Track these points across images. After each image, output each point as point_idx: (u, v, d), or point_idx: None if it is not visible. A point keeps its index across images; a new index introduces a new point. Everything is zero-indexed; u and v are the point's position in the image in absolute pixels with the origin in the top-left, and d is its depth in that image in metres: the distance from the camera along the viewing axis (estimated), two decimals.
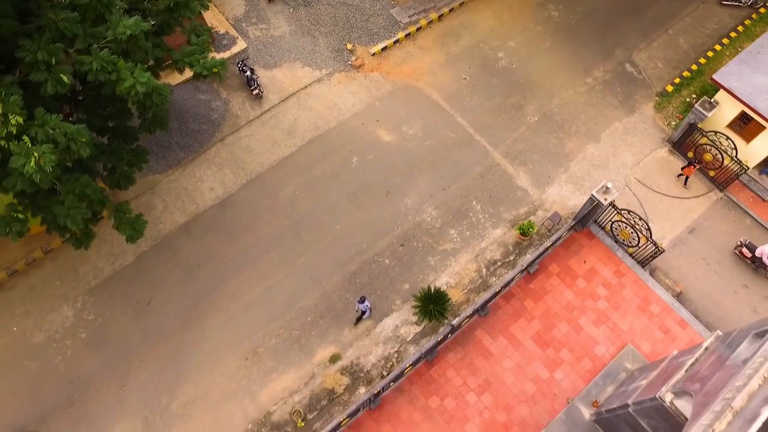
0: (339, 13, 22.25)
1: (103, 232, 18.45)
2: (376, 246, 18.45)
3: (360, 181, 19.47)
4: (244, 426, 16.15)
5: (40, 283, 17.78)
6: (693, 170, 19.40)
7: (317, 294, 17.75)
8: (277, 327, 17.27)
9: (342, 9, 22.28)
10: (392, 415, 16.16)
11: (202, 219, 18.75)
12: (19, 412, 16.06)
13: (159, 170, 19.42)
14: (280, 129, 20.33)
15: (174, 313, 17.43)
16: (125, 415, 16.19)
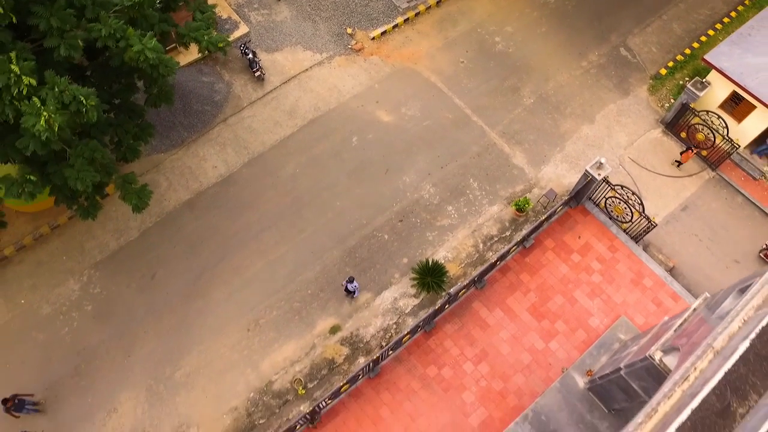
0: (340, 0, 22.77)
1: (109, 209, 18.92)
2: (376, 222, 18.87)
3: (360, 160, 19.91)
4: (246, 394, 16.54)
5: (47, 258, 18.21)
6: (691, 155, 19.79)
7: (318, 268, 18.16)
8: (278, 300, 17.68)
9: None
10: (391, 384, 16.55)
11: (205, 196, 19.18)
12: (28, 381, 16.46)
13: (163, 149, 19.86)
14: (281, 110, 20.77)
15: (178, 286, 17.85)
16: (130, 384, 16.59)
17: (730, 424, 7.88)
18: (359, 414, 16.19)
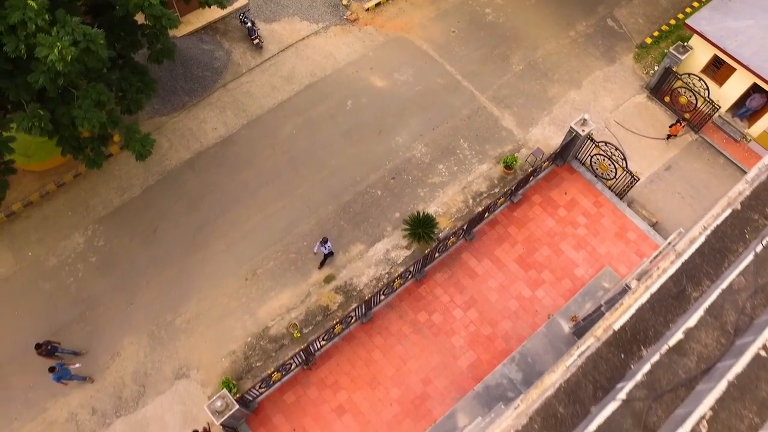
0: None
1: (112, 168, 19.68)
2: (369, 179, 19.59)
3: (354, 122, 20.65)
4: (244, 339, 17.22)
5: (53, 214, 18.94)
6: (680, 128, 20.44)
7: (313, 221, 18.86)
8: (275, 251, 18.38)
9: None
10: (383, 328, 17.23)
11: (205, 155, 19.92)
12: (35, 327, 17.17)
13: (165, 113, 20.62)
14: (279, 76, 21.54)
15: (178, 239, 18.56)
16: (132, 330, 17.28)
17: (684, 305, 8.52)
18: (352, 356, 16.87)
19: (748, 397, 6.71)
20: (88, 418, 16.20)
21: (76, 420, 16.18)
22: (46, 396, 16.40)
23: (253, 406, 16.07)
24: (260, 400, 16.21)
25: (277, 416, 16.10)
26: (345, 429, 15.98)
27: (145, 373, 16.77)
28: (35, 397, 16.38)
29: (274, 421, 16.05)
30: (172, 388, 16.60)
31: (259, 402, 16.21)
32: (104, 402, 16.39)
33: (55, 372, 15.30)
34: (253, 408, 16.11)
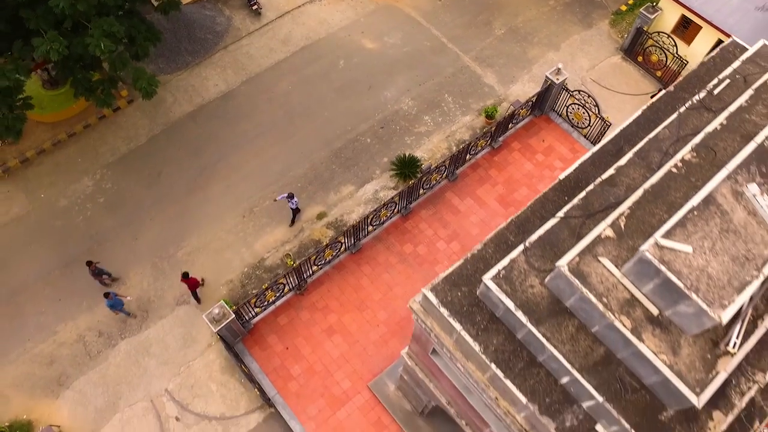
0: None
1: (120, 121, 21.06)
2: (359, 128, 20.92)
3: (346, 79, 22.05)
4: (241, 269, 18.40)
5: (64, 160, 20.28)
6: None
7: (306, 165, 20.15)
8: (271, 191, 19.64)
9: None
10: (371, 258, 18.40)
11: (206, 108, 21.30)
12: (47, 260, 18.39)
13: (169, 71, 22.06)
14: (276, 39, 23.03)
15: (181, 182, 19.84)
16: (137, 261, 18.48)
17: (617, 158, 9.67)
18: (342, 283, 18.02)
19: (660, 200, 7.92)
20: (95, 340, 17.34)
21: (84, 341, 17.31)
22: (56, 320, 17.56)
23: (248, 327, 17.19)
24: (255, 322, 17.34)
25: (271, 336, 17.21)
26: (335, 347, 17.07)
27: (149, 299, 17.93)
28: (46, 321, 17.54)
29: (268, 341, 17.15)
30: (173, 313, 17.76)
31: (254, 324, 17.33)
32: (110, 325, 17.53)
33: (109, 298, 16.48)
34: (249, 329, 17.22)
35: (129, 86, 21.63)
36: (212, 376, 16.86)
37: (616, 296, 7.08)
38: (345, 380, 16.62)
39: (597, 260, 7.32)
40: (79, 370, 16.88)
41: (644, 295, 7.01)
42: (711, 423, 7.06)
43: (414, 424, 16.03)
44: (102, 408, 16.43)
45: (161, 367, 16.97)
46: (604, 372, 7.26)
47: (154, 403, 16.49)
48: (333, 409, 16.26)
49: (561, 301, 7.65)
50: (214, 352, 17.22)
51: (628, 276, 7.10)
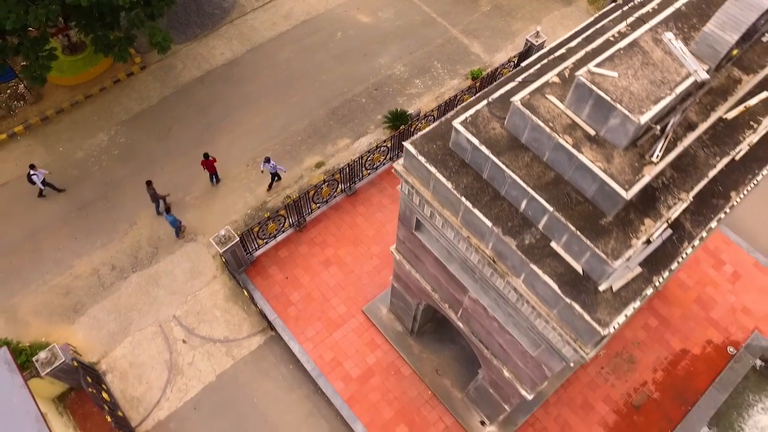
0: None
1: (133, 84, 22.73)
2: (355, 90, 22.57)
3: (343, 48, 23.82)
4: (244, 211, 19.81)
5: (81, 119, 21.87)
6: None
7: (306, 122, 21.74)
8: (273, 144, 21.18)
9: None
10: (365, 200, 19.83)
11: (213, 73, 23.00)
12: (64, 204, 19.82)
13: (179, 42, 23.82)
14: (278, 15, 24.87)
15: (189, 136, 21.39)
16: (148, 205, 19.85)
17: None
18: (338, 221, 19.41)
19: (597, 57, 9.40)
20: (108, 273, 18.65)
21: (98, 274, 18.62)
22: (73, 256, 18.91)
23: (251, 259, 18.51)
24: (257, 255, 18.68)
25: (272, 267, 18.54)
26: (331, 277, 18.38)
27: (158, 237, 19.30)
28: (63, 257, 18.88)
29: (269, 272, 18.47)
30: (181, 249, 19.11)
31: (257, 257, 18.67)
32: (122, 260, 18.86)
33: (169, 213, 18.22)
34: (251, 261, 18.55)
35: (142, 54, 23.41)
36: (217, 304, 18.13)
37: (560, 122, 8.53)
38: (341, 305, 17.89)
39: (545, 97, 8.80)
40: (93, 299, 18.16)
41: (582, 120, 8.47)
42: (642, 227, 8.43)
43: (404, 343, 17.24)
44: (114, 332, 17.65)
45: (169, 296, 18.25)
46: (554, 190, 8.66)
47: (163, 328, 17.72)
48: (329, 331, 17.49)
49: (517, 138, 9.09)
50: (219, 283, 18.51)
51: (569, 107, 8.57)
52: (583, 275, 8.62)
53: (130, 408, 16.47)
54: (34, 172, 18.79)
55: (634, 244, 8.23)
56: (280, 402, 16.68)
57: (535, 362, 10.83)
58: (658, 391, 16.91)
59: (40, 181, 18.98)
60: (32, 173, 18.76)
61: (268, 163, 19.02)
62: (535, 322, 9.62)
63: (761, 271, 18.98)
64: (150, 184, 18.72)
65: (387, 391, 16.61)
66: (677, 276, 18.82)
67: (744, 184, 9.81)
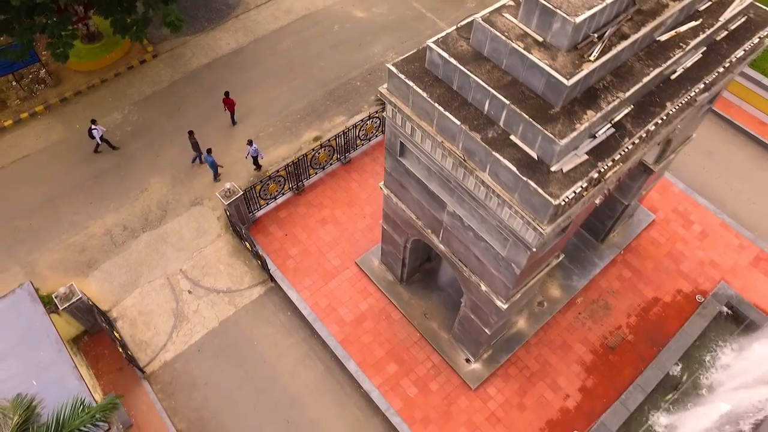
0: None
1: (146, 70, 24.61)
2: (350, 74, 24.43)
3: (339, 39, 25.80)
4: (247, 178, 21.34)
5: (97, 100, 23.66)
6: None
7: (305, 102, 23.51)
8: (274, 121, 22.90)
9: None
10: (359, 168, 21.41)
11: (219, 61, 24.91)
12: (79, 173, 21.41)
13: (188, 34, 25.83)
14: (280, 10, 26.97)
15: (197, 114, 23.12)
16: (158, 173, 21.47)
17: None
18: (334, 186, 20.96)
19: None
20: (120, 233, 20.09)
21: (110, 234, 20.06)
22: (87, 218, 20.39)
23: (252, 219, 19.98)
24: (259, 216, 20.16)
25: (273, 226, 19.98)
26: (327, 234, 19.81)
27: (167, 202, 20.82)
28: (79, 219, 20.35)
29: (269, 230, 19.91)
30: (188, 212, 20.60)
31: (258, 216, 20.14)
32: (133, 222, 20.33)
33: (210, 155, 20.26)
34: (253, 220, 20.01)
35: (155, 44, 25.39)
36: (221, 259, 19.51)
37: (514, 32, 10.18)
38: (335, 258, 19.27)
39: (502, 15, 10.48)
40: (105, 256, 19.56)
41: (532, 30, 10.12)
42: (585, 116, 9.97)
43: (395, 291, 18.56)
44: (125, 284, 18.99)
45: (177, 252, 19.65)
46: (511, 89, 10.23)
47: (170, 280, 19.07)
48: (325, 280, 18.83)
49: (480, 52, 10.73)
50: (223, 241, 19.93)
51: (521, 20, 10.24)
52: (537, 160, 10.13)
53: (139, 350, 17.68)
54: (95, 127, 20.96)
55: (577, 128, 9.78)
56: (279, 345, 17.90)
57: (506, 263, 12.20)
58: (631, 333, 18.15)
59: (99, 135, 21.07)
60: (93, 128, 20.95)
61: (251, 146, 20.43)
62: (502, 214, 11.05)
63: (727, 230, 20.41)
64: (192, 134, 20.81)
65: (378, 333, 17.85)
66: (649, 234, 20.25)
67: (678, 97, 11.41)
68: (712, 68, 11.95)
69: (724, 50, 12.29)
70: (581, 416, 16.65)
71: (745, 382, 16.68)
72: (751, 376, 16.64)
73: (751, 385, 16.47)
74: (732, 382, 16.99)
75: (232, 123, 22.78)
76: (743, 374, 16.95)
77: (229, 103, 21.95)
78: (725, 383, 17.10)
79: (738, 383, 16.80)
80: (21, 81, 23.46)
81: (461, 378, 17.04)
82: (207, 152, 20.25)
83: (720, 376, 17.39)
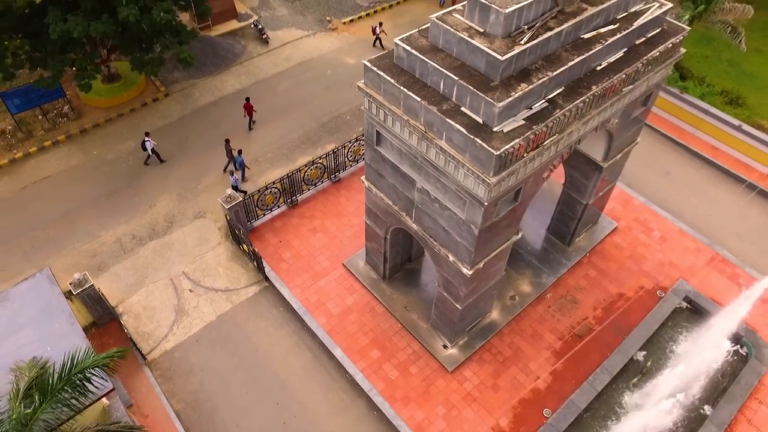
0: (322, 1, 33.66)
1: (158, 107, 27.51)
2: (341, 110, 27.25)
3: (332, 81, 28.90)
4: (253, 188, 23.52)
5: (113, 131, 26.34)
6: None
7: (300, 132, 26.14)
8: (272, 149, 25.41)
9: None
10: (348, 186, 23.65)
11: (224, 99, 27.84)
12: (97, 190, 23.64)
13: (198, 77, 28.98)
14: (280, 58, 30.31)
15: (203, 143, 25.69)
16: (166, 191, 23.69)
17: None
18: (325, 201, 23.09)
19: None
20: (129, 241, 22.02)
21: (120, 242, 21.98)
22: (100, 228, 22.38)
23: (250, 228, 21.95)
24: (256, 225, 22.14)
25: (268, 234, 21.92)
26: (317, 240, 21.71)
27: (173, 215, 22.89)
28: (92, 229, 22.34)
29: (265, 237, 21.83)
30: (191, 224, 22.61)
31: (255, 226, 22.12)
32: (142, 232, 22.31)
33: (240, 155, 23.26)
34: (251, 229, 21.98)
35: (167, 85, 28.45)
36: (220, 263, 21.30)
37: (461, 26, 12.74)
38: (325, 261, 21.07)
39: (452, 15, 13.12)
40: (115, 260, 21.38)
41: (474, 23, 12.70)
42: (519, 87, 12.29)
43: (378, 287, 20.20)
44: (131, 284, 20.69)
45: (180, 257, 21.48)
46: (461, 70, 12.63)
47: (173, 281, 20.77)
48: (315, 279, 20.52)
49: (436, 45, 13.26)
50: (223, 248, 21.80)
51: (466, 17, 12.84)
52: (482, 123, 12.38)
53: (142, 341, 19.10)
54: (148, 139, 23.94)
55: (512, 95, 12.11)
56: (271, 336, 19.34)
57: (466, 226, 14.09)
58: (598, 324, 19.61)
59: (150, 147, 23.95)
60: (146, 140, 23.95)
61: (232, 177, 22.55)
62: (458, 175, 13.12)
63: (684, 236, 22.32)
64: (228, 142, 23.75)
65: (363, 324, 19.33)
66: (613, 239, 22.14)
67: (602, 82, 13.81)
68: (631, 63, 14.45)
69: (642, 51, 14.86)
70: (552, 396, 17.82)
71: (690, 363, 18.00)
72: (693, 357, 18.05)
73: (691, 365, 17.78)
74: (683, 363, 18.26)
75: (249, 128, 26.17)
76: (689, 356, 18.34)
77: (248, 108, 25.47)
78: (678, 365, 18.35)
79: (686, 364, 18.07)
80: (47, 115, 26.24)
81: (439, 362, 18.36)
82: (238, 153, 23.34)
83: (676, 360, 18.72)
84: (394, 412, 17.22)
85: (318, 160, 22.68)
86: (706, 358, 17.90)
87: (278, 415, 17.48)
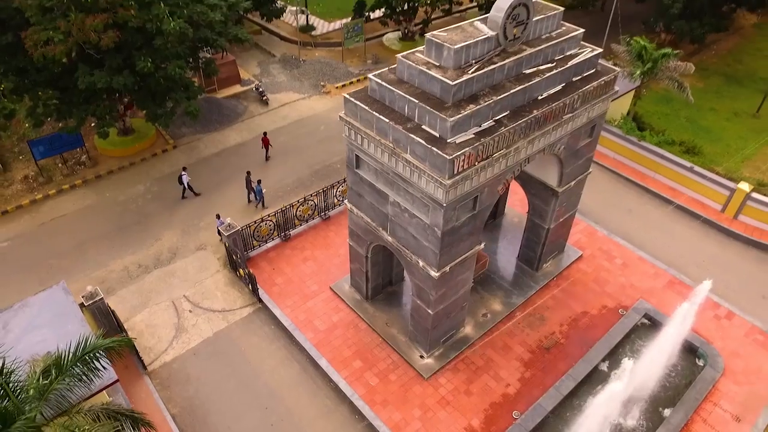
0: (317, 69, 37.65)
1: (166, 157, 30.44)
2: (332, 159, 30.16)
3: (325, 135, 32.05)
4: None
5: (125, 177, 29.10)
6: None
7: (294, 178, 28.88)
8: (268, 192, 27.96)
9: (319, 66, 37.76)
10: (337, 222, 25.99)
11: (226, 151, 30.84)
12: (108, 226, 25.99)
13: (203, 132, 32.16)
14: (278, 116, 33.70)
15: (206, 186, 28.32)
16: (171, 228, 26.02)
17: None
18: (315, 235, 25.36)
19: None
20: (135, 269, 24.07)
21: (127, 270, 24.03)
22: (109, 258, 24.51)
23: (246, 258, 24.06)
24: (252, 255, 24.27)
25: (263, 263, 24.00)
26: (307, 268, 23.76)
27: (177, 247, 25.08)
28: (102, 258, 24.47)
29: (260, 265, 23.89)
30: (193, 255, 24.76)
31: (251, 256, 24.24)
32: (147, 261, 24.41)
33: (260, 185, 26.39)
34: (246, 259, 24.08)
35: (175, 139, 31.56)
36: (218, 288, 23.24)
37: (421, 61, 15.67)
38: (314, 285, 23.02)
39: (414, 54, 16.09)
40: (122, 285, 23.34)
41: (431, 59, 15.63)
42: (468, 107, 14.98)
43: (362, 306, 22.02)
44: (136, 305, 22.53)
45: (182, 283, 23.45)
46: (418, 96, 15.40)
47: (174, 303, 22.63)
48: (304, 301, 22.39)
49: (402, 78, 16.13)
50: (221, 275, 23.82)
51: (425, 54, 15.80)
52: (438, 137, 14.96)
53: (143, 353, 20.66)
54: (184, 174, 26.91)
55: (462, 113, 14.78)
56: (263, 350, 20.94)
57: (431, 230, 16.30)
58: (564, 338, 21.26)
59: (186, 181, 26.79)
60: (182, 174, 26.87)
61: (218, 220, 24.68)
62: (421, 183, 15.52)
63: (644, 262, 24.39)
64: (249, 174, 26.71)
65: (347, 338, 20.99)
66: (578, 266, 24.18)
67: (542, 108, 16.55)
68: (569, 94, 17.29)
69: (578, 85, 17.77)
70: (521, 400, 19.20)
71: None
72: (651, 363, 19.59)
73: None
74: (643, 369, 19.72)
75: (266, 158, 29.95)
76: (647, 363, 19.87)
77: (265, 141, 29.64)
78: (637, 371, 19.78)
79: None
80: (66, 162, 29.10)
81: (416, 370, 19.87)
82: (257, 182, 26.36)
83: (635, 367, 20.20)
84: (373, 414, 18.57)
85: (309, 197, 25.20)
86: (662, 363, 19.49)
87: (266, 418, 18.80)
